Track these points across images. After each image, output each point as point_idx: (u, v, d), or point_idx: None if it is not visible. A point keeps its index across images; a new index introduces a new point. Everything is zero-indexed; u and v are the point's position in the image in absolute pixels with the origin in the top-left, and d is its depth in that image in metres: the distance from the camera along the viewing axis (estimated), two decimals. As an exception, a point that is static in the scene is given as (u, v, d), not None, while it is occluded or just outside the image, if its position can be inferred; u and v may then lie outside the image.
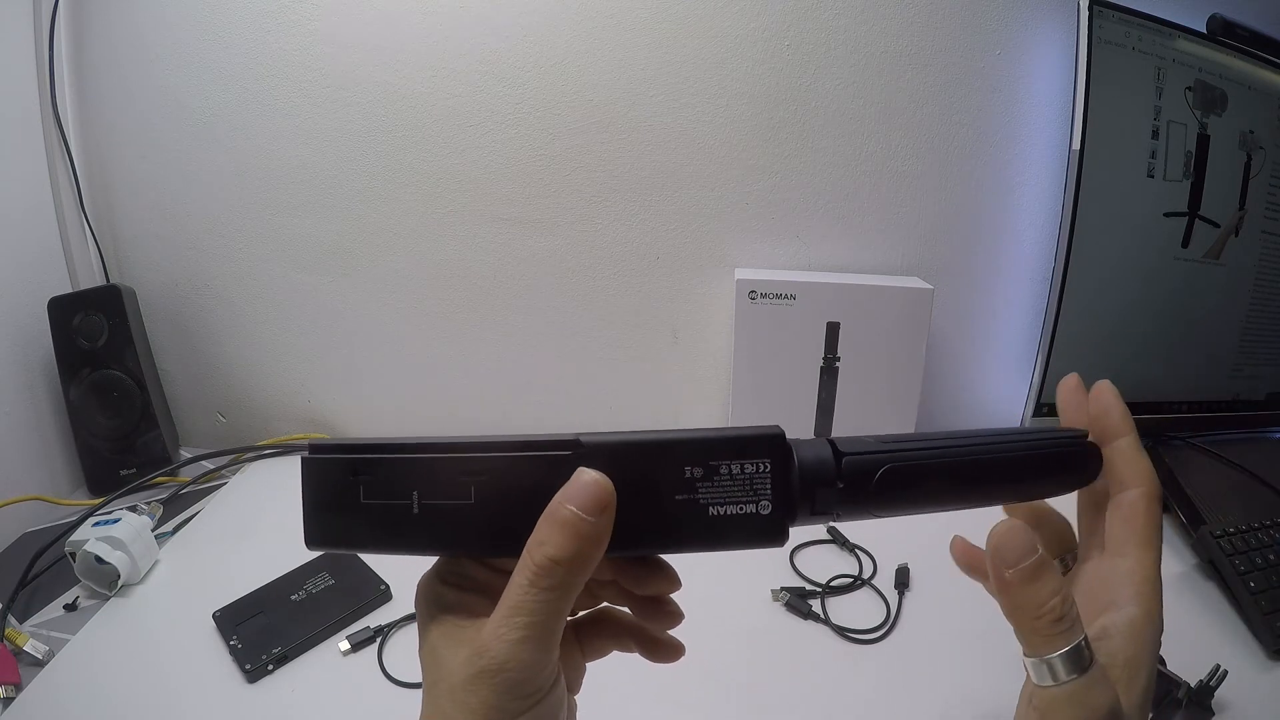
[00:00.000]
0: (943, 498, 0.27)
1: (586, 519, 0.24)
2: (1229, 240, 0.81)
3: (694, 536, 0.26)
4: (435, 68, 0.79)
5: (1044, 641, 0.24)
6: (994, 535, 0.26)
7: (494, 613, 0.24)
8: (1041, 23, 0.78)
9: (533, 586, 0.24)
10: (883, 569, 0.69)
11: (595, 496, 0.24)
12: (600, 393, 0.92)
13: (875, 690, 0.57)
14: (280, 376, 0.92)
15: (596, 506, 0.24)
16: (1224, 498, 0.73)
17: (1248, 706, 0.54)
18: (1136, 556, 0.27)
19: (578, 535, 0.24)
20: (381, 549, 0.27)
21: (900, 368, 0.81)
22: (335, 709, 0.54)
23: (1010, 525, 0.26)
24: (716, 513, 0.26)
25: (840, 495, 0.27)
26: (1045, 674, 0.24)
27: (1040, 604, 0.24)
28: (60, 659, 0.56)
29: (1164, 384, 0.85)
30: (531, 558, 0.24)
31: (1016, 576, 0.25)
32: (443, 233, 0.85)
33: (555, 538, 0.24)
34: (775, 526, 0.26)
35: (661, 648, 0.31)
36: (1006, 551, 0.25)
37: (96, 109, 0.82)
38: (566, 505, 0.24)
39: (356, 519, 0.26)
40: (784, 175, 0.83)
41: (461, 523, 0.26)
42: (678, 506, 0.26)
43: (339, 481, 0.26)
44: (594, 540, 0.24)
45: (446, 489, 0.26)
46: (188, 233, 0.86)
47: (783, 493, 0.26)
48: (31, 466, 0.79)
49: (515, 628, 0.24)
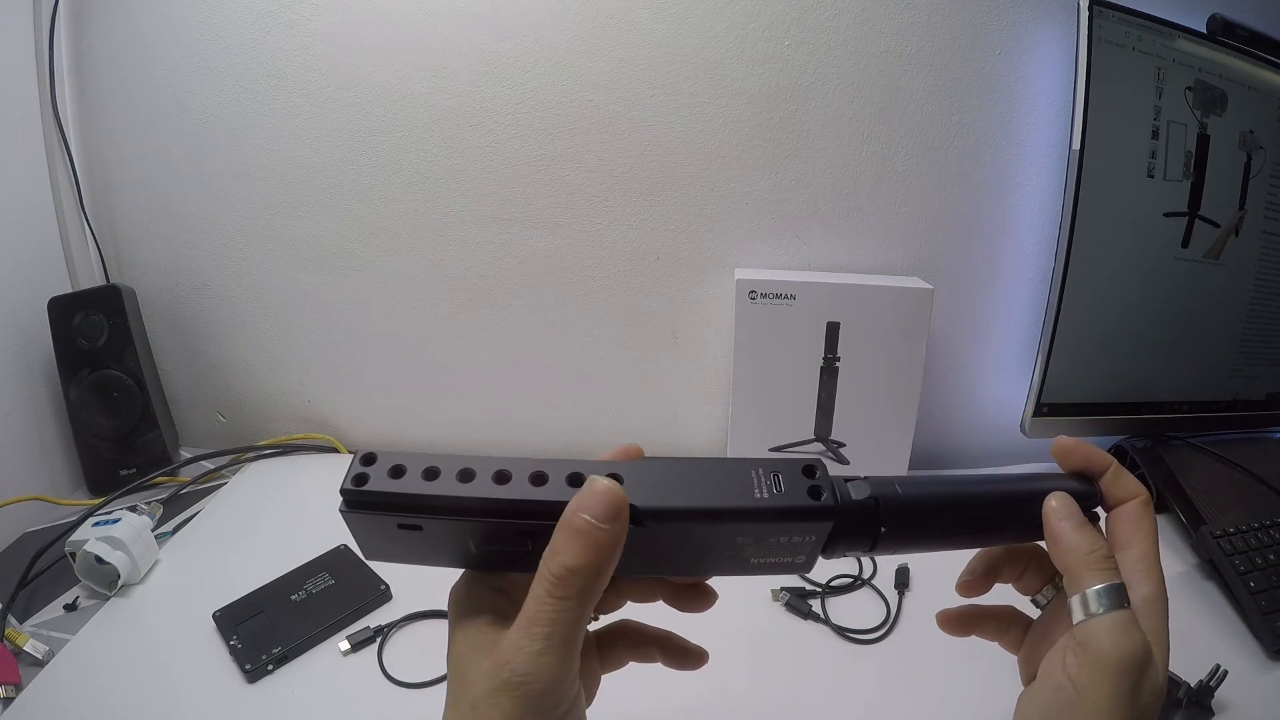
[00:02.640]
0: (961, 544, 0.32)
1: (601, 526, 0.24)
2: (1229, 240, 0.81)
3: (728, 571, 0.29)
4: (435, 68, 0.79)
5: (1093, 574, 0.28)
6: (1050, 502, 0.31)
7: (514, 625, 0.25)
8: (1041, 23, 0.78)
9: (550, 596, 0.24)
10: (883, 569, 0.69)
11: (608, 504, 0.24)
12: (600, 392, 0.92)
13: (875, 690, 0.57)
14: (280, 376, 0.92)
15: (610, 514, 0.24)
16: (1224, 498, 0.73)
17: (1248, 706, 0.54)
18: (1141, 546, 0.30)
19: (593, 543, 0.24)
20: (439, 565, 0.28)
21: (900, 368, 0.81)
22: (335, 709, 0.54)
23: (1061, 495, 0.31)
24: (757, 562, 0.28)
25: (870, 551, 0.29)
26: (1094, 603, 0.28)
27: (1094, 543, 0.29)
28: (60, 659, 0.56)
29: (1164, 384, 0.85)
30: (548, 567, 0.24)
31: (1072, 523, 0.30)
32: (443, 233, 0.85)
33: (570, 546, 0.24)
34: (805, 569, 0.29)
35: (686, 655, 0.32)
36: (1062, 509, 0.30)
37: (96, 109, 0.82)
38: (580, 514, 0.24)
39: (410, 547, 0.27)
40: (784, 175, 0.83)
41: (513, 558, 0.27)
42: (723, 556, 0.28)
43: (385, 528, 0.27)
44: (609, 548, 0.24)
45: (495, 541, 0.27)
46: (188, 233, 0.86)
47: (820, 550, 0.28)
48: (31, 466, 0.79)
49: (535, 639, 0.24)
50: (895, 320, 0.79)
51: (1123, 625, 0.27)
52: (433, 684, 0.55)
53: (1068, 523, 0.30)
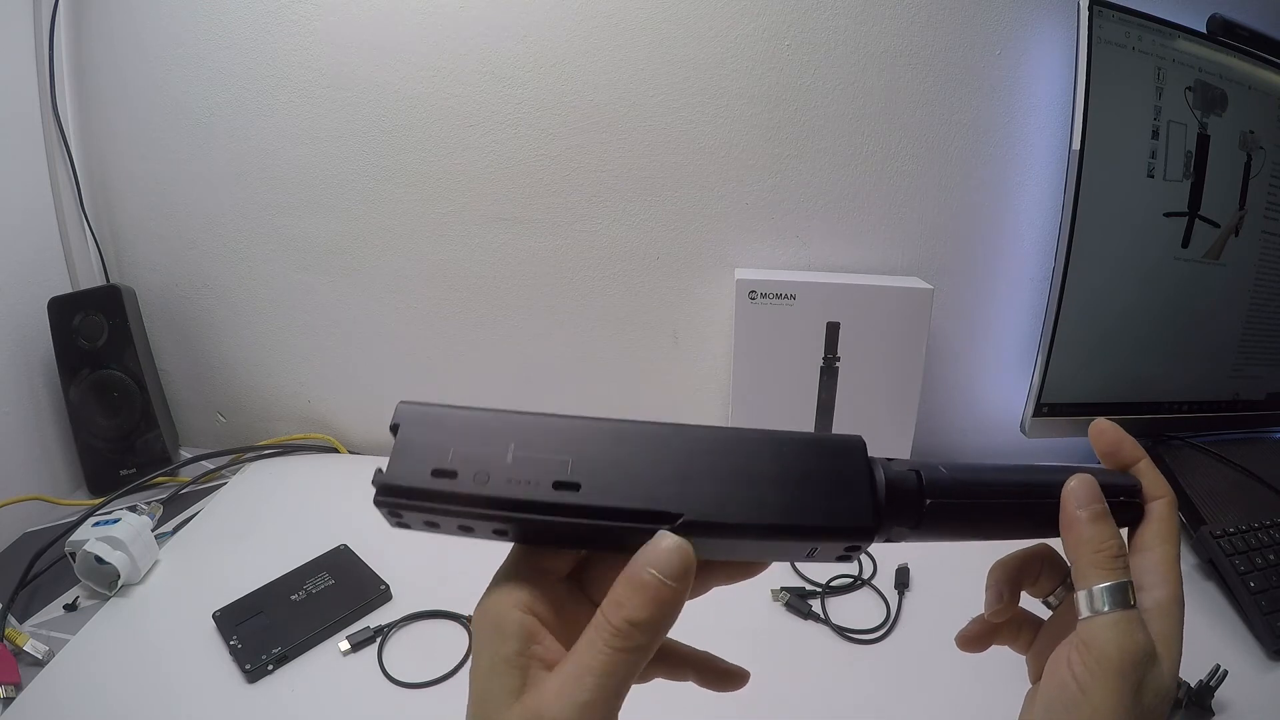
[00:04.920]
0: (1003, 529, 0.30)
1: (668, 584, 0.23)
2: (1229, 240, 0.81)
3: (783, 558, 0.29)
4: (435, 68, 0.79)
5: (1100, 571, 0.27)
6: (1070, 483, 0.29)
7: (559, 669, 0.24)
8: (1041, 23, 0.78)
9: (607, 647, 0.23)
10: (883, 569, 0.69)
11: (678, 563, 0.23)
12: (600, 392, 0.92)
13: (875, 690, 0.57)
14: (280, 376, 0.92)
15: (679, 573, 0.23)
16: (1224, 498, 0.73)
17: (1248, 706, 0.54)
18: (1161, 550, 0.29)
19: (658, 600, 0.23)
20: None
21: (900, 368, 0.81)
22: (335, 709, 0.54)
23: (1083, 478, 0.29)
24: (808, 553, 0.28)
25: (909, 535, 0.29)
26: (1098, 601, 0.27)
27: (1103, 539, 0.28)
28: (60, 659, 0.56)
29: (1164, 384, 0.85)
30: (609, 619, 0.23)
31: (1087, 514, 0.28)
32: (443, 233, 0.85)
33: (635, 600, 0.23)
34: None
35: (726, 678, 0.31)
36: (1081, 494, 0.29)
37: (96, 109, 0.82)
38: (649, 569, 0.23)
39: None
40: (784, 175, 0.83)
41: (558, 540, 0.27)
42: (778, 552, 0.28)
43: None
44: (674, 604, 0.24)
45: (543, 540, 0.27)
46: (188, 233, 0.86)
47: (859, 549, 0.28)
48: (31, 466, 0.79)
49: (584, 689, 0.23)
50: (895, 320, 0.79)
51: (1126, 625, 0.26)
52: (433, 684, 0.55)
53: (1084, 511, 0.28)
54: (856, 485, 0.26)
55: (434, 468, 0.24)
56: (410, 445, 0.25)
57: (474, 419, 0.25)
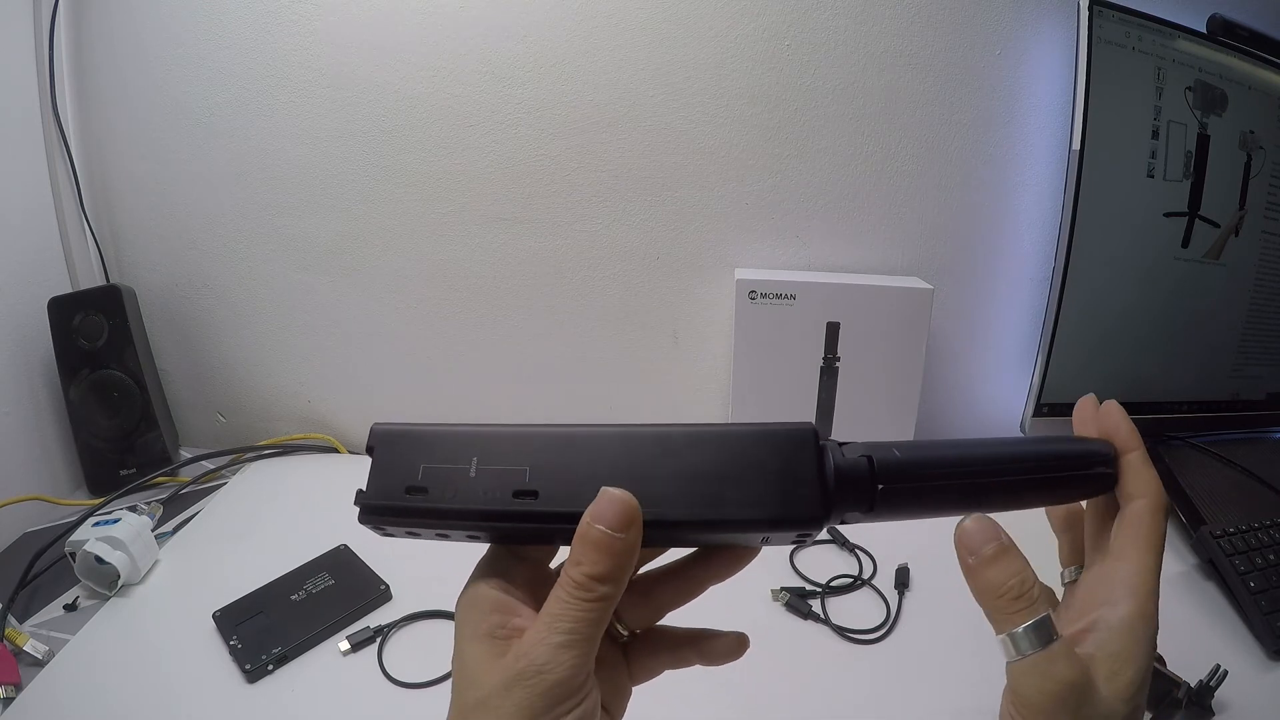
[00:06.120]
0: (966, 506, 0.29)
1: (617, 536, 0.25)
2: (1229, 240, 0.81)
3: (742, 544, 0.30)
4: (435, 68, 0.79)
5: (1006, 618, 0.26)
6: (960, 528, 0.27)
7: (536, 622, 0.26)
8: (1041, 23, 0.78)
9: (573, 599, 0.25)
10: (883, 569, 0.69)
11: (621, 514, 0.25)
12: (600, 392, 0.92)
13: (875, 690, 0.57)
14: (280, 376, 0.92)
15: (624, 523, 0.25)
16: (1224, 498, 0.73)
17: (1248, 706, 0.54)
18: (1137, 560, 0.27)
19: (610, 552, 0.25)
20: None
21: (900, 368, 0.81)
22: (335, 709, 0.54)
23: (975, 519, 0.27)
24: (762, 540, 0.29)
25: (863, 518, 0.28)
26: (1011, 648, 0.26)
27: (1001, 584, 0.26)
28: (60, 659, 0.56)
29: (1164, 384, 0.85)
30: (570, 576, 0.25)
31: (978, 561, 0.27)
32: (442, 233, 0.85)
33: (590, 556, 0.25)
34: None
35: (726, 645, 0.32)
36: (970, 540, 0.27)
37: (96, 109, 0.82)
38: (595, 525, 0.25)
39: None
40: (784, 175, 0.83)
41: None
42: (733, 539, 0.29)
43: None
44: (626, 553, 0.25)
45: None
46: (188, 233, 0.86)
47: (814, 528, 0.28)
48: (31, 466, 0.79)
49: (558, 632, 0.25)
50: (895, 320, 0.79)
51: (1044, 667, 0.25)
52: (433, 684, 0.55)
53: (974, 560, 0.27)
54: (804, 475, 0.26)
55: (407, 485, 0.27)
56: (385, 465, 0.27)
57: (441, 435, 0.27)
